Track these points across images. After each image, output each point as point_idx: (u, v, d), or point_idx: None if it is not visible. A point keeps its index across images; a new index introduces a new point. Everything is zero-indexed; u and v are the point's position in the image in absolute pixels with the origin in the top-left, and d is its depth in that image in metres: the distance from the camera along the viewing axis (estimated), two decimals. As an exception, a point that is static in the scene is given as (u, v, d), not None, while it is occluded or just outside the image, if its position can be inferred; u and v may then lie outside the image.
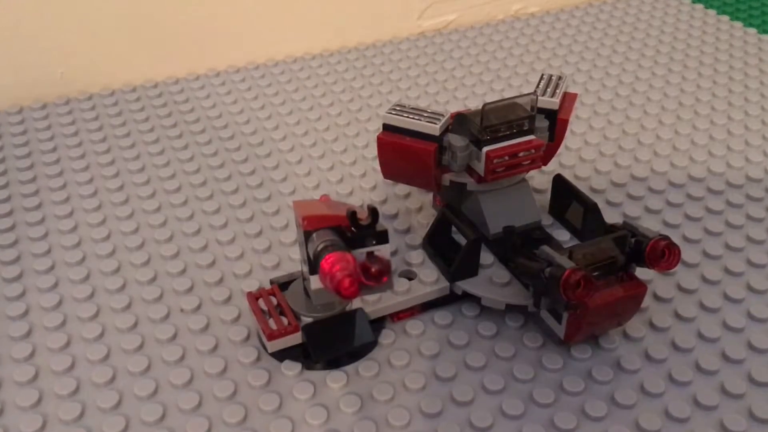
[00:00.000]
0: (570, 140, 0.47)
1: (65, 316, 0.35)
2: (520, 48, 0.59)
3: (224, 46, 0.57)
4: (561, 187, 0.38)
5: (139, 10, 0.53)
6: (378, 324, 0.33)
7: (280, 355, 0.32)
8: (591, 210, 0.36)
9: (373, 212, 0.28)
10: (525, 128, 0.34)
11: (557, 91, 0.37)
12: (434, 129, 0.34)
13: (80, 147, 0.47)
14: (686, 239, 0.39)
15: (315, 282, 0.29)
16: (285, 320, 0.32)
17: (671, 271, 0.35)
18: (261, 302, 0.33)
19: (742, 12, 0.65)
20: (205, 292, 0.36)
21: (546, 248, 0.30)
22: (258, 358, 0.32)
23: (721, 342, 0.33)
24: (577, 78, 0.55)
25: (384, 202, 0.42)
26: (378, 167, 0.37)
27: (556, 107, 0.36)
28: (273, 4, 0.57)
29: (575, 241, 0.37)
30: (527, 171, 0.35)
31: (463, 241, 0.34)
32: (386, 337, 0.33)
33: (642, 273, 0.32)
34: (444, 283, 0.34)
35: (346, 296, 0.26)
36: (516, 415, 0.30)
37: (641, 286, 0.31)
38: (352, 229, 0.28)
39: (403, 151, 0.35)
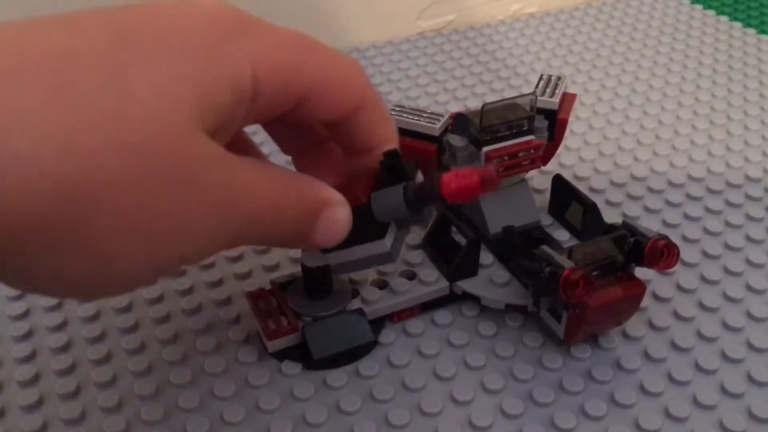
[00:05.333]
0: (569, 140, 0.47)
1: (65, 316, 0.35)
2: (520, 48, 0.59)
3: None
4: (560, 187, 0.38)
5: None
6: (378, 324, 0.33)
7: (280, 355, 0.32)
8: (590, 210, 0.36)
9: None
10: (524, 128, 0.34)
11: (556, 91, 0.37)
12: (434, 129, 0.34)
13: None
14: (685, 239, 0.39)
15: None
16: (285, 320, 0.32)
17: (670, 270, 0.35)
18: (261, 302, 0.33)
19: (741, 12, 0.65)
20: (205, 292, 0.36)
21: (545, 248, 0.30)
22: (258, 358, 0.32)
23: (720, 341, 0.33)
24: (577, 78, 0.55)
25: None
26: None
27: (555, 107, 0.36)
28: (272, 5, 0.57)
29: (575, 241, 0.37)
30: (527, 171, 0.35)
31: (463, 241, 0.34)
32: (386, 337, 0.33)
33: (641, 272, 0.32)
34: (444, 283, 0.34)
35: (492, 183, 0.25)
36: (516, 414, 0.30)
37: (640, 286, 0.31)
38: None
39: (403, 151, 0.35)
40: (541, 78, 0.38)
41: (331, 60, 0.25)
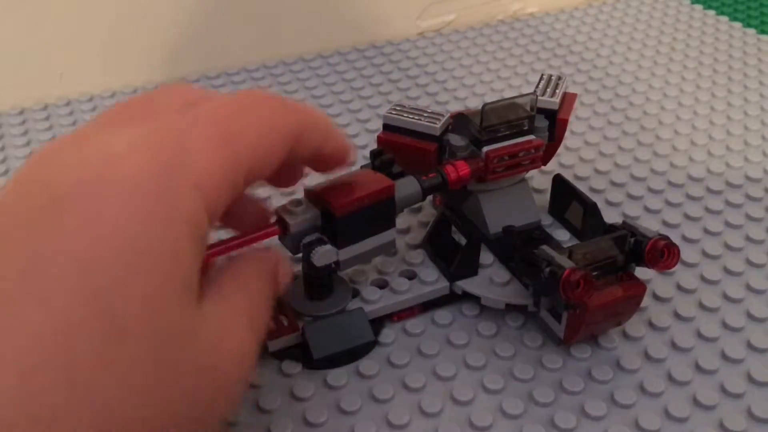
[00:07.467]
0: (570, 140, 0.47)
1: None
2: (520, 48, 0.59)
3: (225, 46, 0.57)
4: (561, 186, 0.38)
5: (139, 11, 0.53)
6: (378, 324, 0.33)
7: (280, 355, 0.32)
8: (590, 210, 0.36)
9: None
10: (525, 128, 0.34)
11: (557, 91, 0.37)
12: (434, 129, 0.34)
13: (80, 147, 0.47)
14: (686, 239, 0.39)
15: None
16: (285, 320, 0.32)
17: (671, 270, 0.35)
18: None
19: (741, 12, 0.65)
20: (205, 292, 0.36)
21: (546, 248, 0.30)
22: (258, 358, 0.32)
23: (720, 342, 0.33)
24: (577, 78, 0.55)
25: (384, 202, 0.42)
26: (378, 167, 0.37)
27: (555, 107, 0.36)
28: (272, 5, 0.57)
29: (575, 241, 0.37)
30: (527, 171, 0.35)
31: (463, 241, 0.34)
32: (386, 337, 0.33)
33: (641, 272, 0.32)
34: (444, 283, 0.34)
35: None
36: (516, 414, 0.30)
37: (641, 286, 0.31)
38: None
39: (403, 151, 0.35)
40: (541, 78, 0.38)
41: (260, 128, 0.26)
